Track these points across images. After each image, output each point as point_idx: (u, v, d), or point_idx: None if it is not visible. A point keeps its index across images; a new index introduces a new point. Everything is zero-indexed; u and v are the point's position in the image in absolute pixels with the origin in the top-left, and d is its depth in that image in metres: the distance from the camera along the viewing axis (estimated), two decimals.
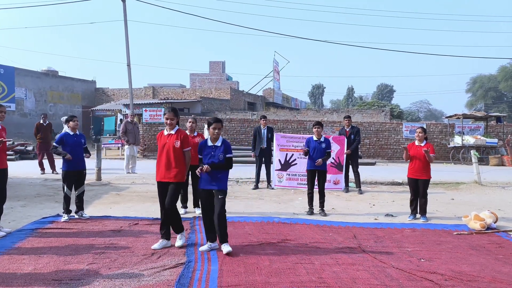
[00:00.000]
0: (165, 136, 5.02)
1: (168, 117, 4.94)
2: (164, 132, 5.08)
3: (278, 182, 9.71)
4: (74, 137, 6.42)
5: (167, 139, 4.97)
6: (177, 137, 4.94)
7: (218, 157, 4.82)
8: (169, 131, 5.01)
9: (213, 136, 4.88)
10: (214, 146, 4.86)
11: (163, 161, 4.92)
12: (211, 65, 42.45)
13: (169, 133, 5.00)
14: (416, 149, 6.77)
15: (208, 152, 4.85)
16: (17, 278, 3.84)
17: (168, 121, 4.95)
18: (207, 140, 4.93)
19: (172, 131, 4.99)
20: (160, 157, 4.97)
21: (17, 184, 9.73)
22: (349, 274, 4.06)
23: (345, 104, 73.59)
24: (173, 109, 5.00)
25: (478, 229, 5.90)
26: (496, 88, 55.14)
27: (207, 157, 4.86)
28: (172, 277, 3.90)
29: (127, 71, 18.67)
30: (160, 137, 5.09)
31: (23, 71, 28.03)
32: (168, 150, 4.91)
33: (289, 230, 5.84)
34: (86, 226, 5.88)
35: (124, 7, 18.37)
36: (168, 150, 4.91)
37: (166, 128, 5.05)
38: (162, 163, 4.93)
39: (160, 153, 5.00)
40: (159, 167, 4.97)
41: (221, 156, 4.82)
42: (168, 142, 4.93)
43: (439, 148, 18.93)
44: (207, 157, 4.85)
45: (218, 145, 4.86)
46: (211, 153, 4.83)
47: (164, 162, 4.92)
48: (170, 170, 4.89)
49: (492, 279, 4.01)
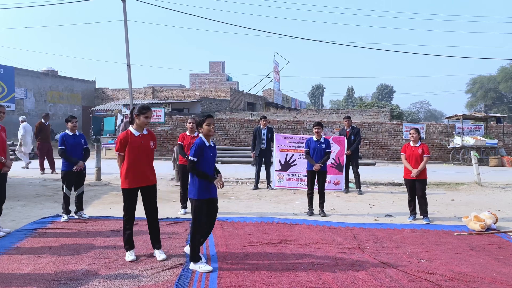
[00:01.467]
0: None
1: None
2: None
3: (278, 182, 9.71)
4: (73, 138, 6.42)
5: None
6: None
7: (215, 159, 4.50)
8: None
9: (210, 134, 4.42)
10: (211, 146, 4.43)
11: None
12: (211, 65, 42.48)
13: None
14: (412, 150, 6.76)
15: (209, 153, 4.37)
16: (16, 278, 3.83)
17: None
18: (204, 140, 4.36)
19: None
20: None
21: (17, 184, 9.72)
22: (349, 275, 4.05)
23: (345, 105, 73.61)
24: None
25: (478, 230, 5.90)
26: (496, 89, 55.13)
27: (208, 161, 4.34)
28: (172, 278, 3.90)
29: (127, 71, 18.64)
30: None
31: (23, 71, 28.01)
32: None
33: (289, 230, 5.84)
34: (86, 226, 5.87)
35: (124, 7, 18.36)
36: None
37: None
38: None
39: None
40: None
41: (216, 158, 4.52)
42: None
43: (439, 148, 18.93)
44: (209, 160, 4.35)
45: (213, 145, 4.49)
46: (210, 155, 4.39)
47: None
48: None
49: (492, 279, 4.00)
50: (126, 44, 18.39)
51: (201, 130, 4.39)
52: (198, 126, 4.43)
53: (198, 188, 4.26)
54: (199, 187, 4.27)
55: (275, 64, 41.83)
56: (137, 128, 4.54)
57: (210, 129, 4.37)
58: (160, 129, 18.49)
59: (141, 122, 4.52)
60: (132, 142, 4.45)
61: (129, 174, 4.46)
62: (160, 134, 18.47)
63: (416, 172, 6.57)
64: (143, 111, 4.49)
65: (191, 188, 4.32)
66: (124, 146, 4.45)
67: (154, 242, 4.64)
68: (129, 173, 4.46)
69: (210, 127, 4.36)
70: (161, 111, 18.71)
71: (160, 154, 18.30)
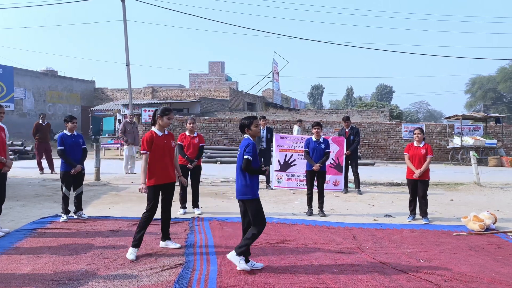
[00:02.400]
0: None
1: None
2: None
3: (277, 182, 9.70)
4: (72, 138, 6.41)
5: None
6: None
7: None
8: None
9: (256, 134, 4.43)
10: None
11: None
12: (210, 65, 42.44)
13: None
14: (415, 150, 6.76)
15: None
16: (15, 278, 3.83)
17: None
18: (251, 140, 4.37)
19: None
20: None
21: (16, 184, 9.71)
22: (348, 275, 4.06)
23: (344, 105, 73.65)
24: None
25: (477, 230, 5.90)
26: (495, 89, 55.20)
27: (256, 158, 4.31)
28: (171, 278, 3.90)
29: (126, 71, 18.66)
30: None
31: (22, 71, 27.99)
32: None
33: (288, 230, 5.84)
34: (85, 226, 5.87)
35: (124, 7, 18.35)
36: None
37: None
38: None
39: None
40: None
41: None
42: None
43: (438, 149, 18.94)
44: (257, 157, 4.34)
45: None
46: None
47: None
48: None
49: (491, 280, 4.01)
50: (125, 44, 18.39)
51: (248, 132, 4.36)
52: (245, 128, 4.36)
53: (255, 187, 4.30)
54: (255, 186, 4.30)
55: (275, 64, 41.82)
56: (160, 128, 4.84)
57: (258, 131, 4.42)
58: None
59: (164, 123, 4.82)
60: (156, 142, 4.71)
61: (156, 172, 4.71)
62: None
63: (419, 172, 6.58)
64: (166, 112, 4.81)
65: (247, 190, 4.25)
66: (150, 146, 4.68)
67: (167, 235, 4.98)
68: (156, 171, 4.71)
69: (258, 128, 4.38)
70: None
71: None
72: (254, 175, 4.31)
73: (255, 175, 4.32)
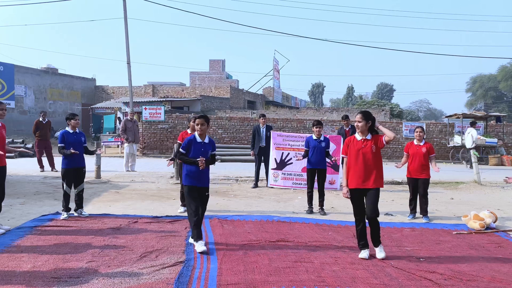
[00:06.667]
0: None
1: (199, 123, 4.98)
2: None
3: (273, 181, 9.70)
4: (74, 135, 6.42)
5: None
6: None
7: (208, 154, 4.96)
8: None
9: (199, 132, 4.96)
10: (204, 142, 4.97)
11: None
12: (211, 63, 42.40)
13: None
14: (415, 149, 6.76)
15: (198, 148, 4.92)
16: (16, 276, 3.83)
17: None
18: (195, 136, 4.98)
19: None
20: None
21: (16, 182, 9.72)
22: (348, 273, 4.06)
23: (345, 103, 73.65)
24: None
25: (477, 228, 5.90)
26: (496, 88, 55.14)
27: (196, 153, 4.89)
28: (172, 275, 3.90)
29: (127, 69, 18.66)
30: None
31: (23, 68, 28.00)
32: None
33: (289, 229, 5.84)
34: (86, 224, 5.87)
35: (124, 5, 18.34)
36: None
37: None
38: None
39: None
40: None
41: (209, 153, 4.99)
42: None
43: (439, 147, 18.94)
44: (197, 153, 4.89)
45: (207, 142, 5.00)
46: (201, 150, 4.91)
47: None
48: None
49: (491, 278, 4.01)
50: (126, 42, 18.38)
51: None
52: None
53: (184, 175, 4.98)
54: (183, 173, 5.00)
55: (275, 62, 41.79)
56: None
57: (193, 127, 5.11)
58: (160, 127, 18.48)
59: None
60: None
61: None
62: (160, 132, 18.47)
63: (436, 168, 6.66)
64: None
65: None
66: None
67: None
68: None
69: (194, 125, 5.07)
70: (161, 109, 18.70)
71: (160, 152, 18.31)
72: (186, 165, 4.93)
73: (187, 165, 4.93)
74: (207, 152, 4.96)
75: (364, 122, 4.72)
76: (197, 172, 4.87)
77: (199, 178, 4.93)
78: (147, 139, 18.42)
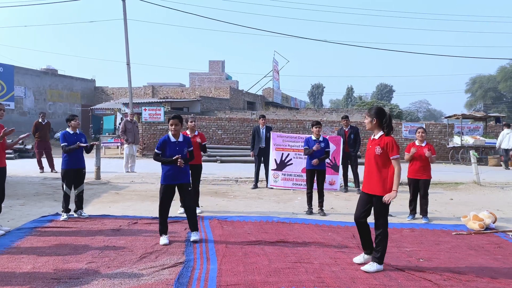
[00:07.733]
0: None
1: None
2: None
3: (273, 182, 9.71)
4: (74, 136, 6.42)
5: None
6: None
7: (184, 151, 5.19)
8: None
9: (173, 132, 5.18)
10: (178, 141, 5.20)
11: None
12: (210, 64, 42.40)
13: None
14: (418, 149, 6.78)
15: (173, 147, 5.14)
16: (16, 277, 3.84)
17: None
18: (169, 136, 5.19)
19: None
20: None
21: (16, 183, 9.72)
22: (348, 274, 4.07)
23: (344, 104, 73.65)
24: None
25: (477, 229, 5.91)
26: (495, 89, 55.18)
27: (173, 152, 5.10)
28: (171, 276, 3.91)
29: (126, 70, 18.66)
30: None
31: (23, 69, 27.98)
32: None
33: (288, 229, 5.85)
34: (85, 225, 5.88)
35: (124, 6, 18.35)
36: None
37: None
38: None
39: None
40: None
41: (185, 150, 5.24)
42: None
43: (438, 148, 18.93)
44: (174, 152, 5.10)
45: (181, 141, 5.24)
46: (175, 149, 5.13)
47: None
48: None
49: (490, 279, 4.01)
50: (126, 43, 18.39)
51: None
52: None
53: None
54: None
55: (275, 63, 41.81)
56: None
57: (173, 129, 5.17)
58: (159, 128, 18.49)
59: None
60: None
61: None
62: (159, 133, 18.46)
63: (429, 154, 6.56)
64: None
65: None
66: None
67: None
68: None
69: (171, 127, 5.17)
70: (160, 110, 18.71)
71: None
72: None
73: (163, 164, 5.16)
74: (183, 150, 5.16)
75: (369, 119, 4.30)
76: (175, 170, 5.09)
77: (177, 176, 5.12)
78: (147, 140, 18.43)
